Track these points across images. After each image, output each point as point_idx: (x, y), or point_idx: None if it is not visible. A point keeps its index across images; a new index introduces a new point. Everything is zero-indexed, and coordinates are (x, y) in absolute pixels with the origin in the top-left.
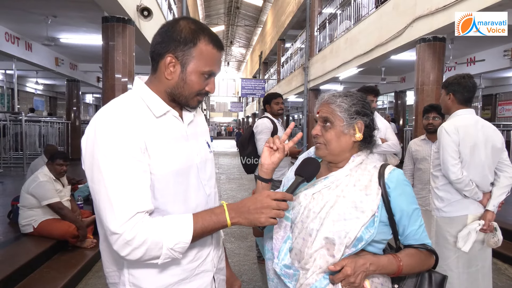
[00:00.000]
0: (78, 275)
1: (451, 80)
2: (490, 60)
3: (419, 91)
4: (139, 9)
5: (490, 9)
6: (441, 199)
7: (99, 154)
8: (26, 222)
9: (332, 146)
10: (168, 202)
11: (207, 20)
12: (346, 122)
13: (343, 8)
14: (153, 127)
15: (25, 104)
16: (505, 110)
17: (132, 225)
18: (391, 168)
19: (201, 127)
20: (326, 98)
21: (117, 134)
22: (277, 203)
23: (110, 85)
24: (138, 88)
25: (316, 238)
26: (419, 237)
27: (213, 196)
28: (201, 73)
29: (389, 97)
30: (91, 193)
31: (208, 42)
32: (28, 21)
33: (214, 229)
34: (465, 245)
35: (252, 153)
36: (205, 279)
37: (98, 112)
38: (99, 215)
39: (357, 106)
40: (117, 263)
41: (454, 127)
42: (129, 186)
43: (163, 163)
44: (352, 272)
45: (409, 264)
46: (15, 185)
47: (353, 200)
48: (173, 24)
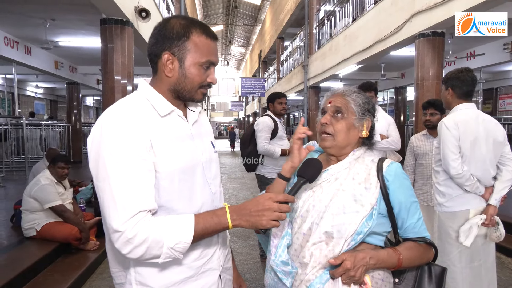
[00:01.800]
0: (82, 277)
1: (450, 75)
2: (490, 54)
3: (419, 87)
4: (137, 11)
5: (488, 4)
6: (443, 194)
7: (104, 153)
8: (29, 226)
9: (340, 138)
10: (173, 199)
11: (206, 20)
12: (358, 116)
13: (341, 5)
14: (158, 126)
15: (26, 108)
16: (506, 104)
17: (134, 223)
18: (389, 162)
19: (205, 127)
20: (342, 90)
21: (123, 133)
22: (279, 205)
23: (110, 87)
24: (143, 89)
25: (316, 232)
26: (418, 230)
27: (218, 194)
28: (200, 65)
29: (389, 93)
30: (96, 191)
31: (201, 33)
32: (27, 25)
33: (215, 231)
34: (467, 239)
35: (253, 152)
36: (212, 277)
37: (104, 112)
38: (103, 213)
39: (368, 105)
40: (123, 263)
41: (454, 122)
42: (133, 184)
43: (169, 161)
44: (352, 266)
45: (409, 257)
46: (18, 189)
47: (352, 193)
48: (165, 24)
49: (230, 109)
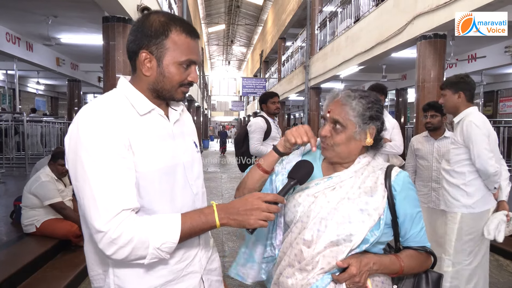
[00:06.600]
0: (81, 274)
1: (457, 80)
2: (491, 56)
3: (420, 89)
4: (140, 9)
5: (491, 6)
6: (471, 195)
7: (82, 151)
8: (29, 222)
9: (340, 150)
10: (153, 200)
11: (208, 19)
12: (358, 128)
13: (343, 6)
14: (137, 125)
15: (27, 104)
16: (506, 106)
17: (118, 223)
18: (398, 171)
19: (188, 127)
20: (340, 97)
21: (100, 131)
22: (267, 205)
23: (111, 85)
24: (122, 86)
25: (320, 240)
26: (420, 239)
27: (200, 195)
28: (179, 64)
29: (390, 94)
30: (75, 191)
31: (181, 32)
32: (29, 21)
33: (202, 230)
34: (499, 235)
35: (246, 153)
36: (193, 281)
37: (81, 110)
38: (84, 213)
39: (372, 111)
40: (103, 265)
41: (481, 121)
42: (114, 182)
43: (148, 161)
44: (357, 271)
45: (410, 265)
46: (18, 185)
47: (358, 203)
48: (143, 20)
49: (231, 108)
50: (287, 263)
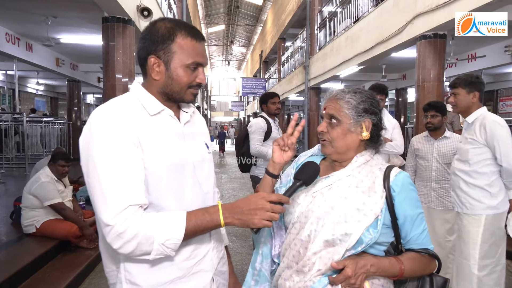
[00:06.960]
0: (81, 275)
1: (472, 79)
2: (491, 56)
3: (420, 88)
4: (139, 9)
5: (490, 5)
6: (495, 196)
7: (93, 149)
8: (29, 223)
9: (338, 144)
10: (161, 197)
11: (207, 19)
12: (353, 119)
13: (343, 6)
14: (147, 124)
15: (27, 104)
16: (506, 106)
17: (125, 217)
18: (397, 171)
19: (199, 128)
20: (335, 93)
21: (111, 129)
22: (272, 205)
23: (110, 86)
24: (135, 90)
25: (315, 240)
26: (422, 241)
27: (211, 195)
28: (186, 66)
29: (390, 94)
30: (87, 188)
31: (186, 36)
32: (29, 22)
33: (207, 228)
34: None
35: (247, 153)
36: (204, 279)
37: (94, 111)
38: (95, 209)
39: (365, 104)
40: (115, 261)
41: (503, 120)
42: (122, 178)
43: (156, 158)
44: (352, 273)
45: (411, 268)
46: (18, 185)
47: (355, 202)
48: (150, 27)
49: (231, 108)
50: (285, 264)
